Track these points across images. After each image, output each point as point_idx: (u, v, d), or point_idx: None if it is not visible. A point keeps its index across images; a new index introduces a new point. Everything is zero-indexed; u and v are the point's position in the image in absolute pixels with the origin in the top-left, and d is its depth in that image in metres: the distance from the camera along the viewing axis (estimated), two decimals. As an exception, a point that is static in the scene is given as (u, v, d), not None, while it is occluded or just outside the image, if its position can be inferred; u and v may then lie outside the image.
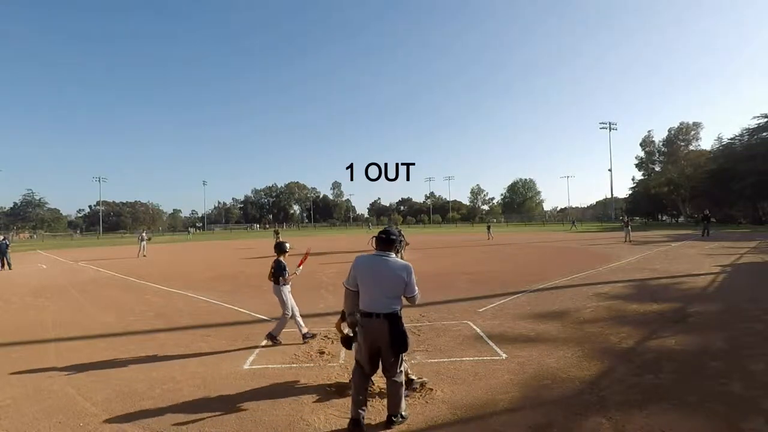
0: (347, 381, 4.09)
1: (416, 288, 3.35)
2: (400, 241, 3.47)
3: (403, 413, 3.35)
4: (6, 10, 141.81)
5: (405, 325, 3.37)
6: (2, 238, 18.36)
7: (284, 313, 5.76)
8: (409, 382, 3.92)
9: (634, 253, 17.36)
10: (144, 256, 21.85)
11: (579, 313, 7.10)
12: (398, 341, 3.22)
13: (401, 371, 3.38)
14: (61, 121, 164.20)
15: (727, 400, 3.62)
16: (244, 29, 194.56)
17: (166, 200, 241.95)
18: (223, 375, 4.62)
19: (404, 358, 4.04)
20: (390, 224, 23.96)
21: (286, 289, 5.79)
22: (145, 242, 22.79)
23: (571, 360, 4.76)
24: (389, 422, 3.28)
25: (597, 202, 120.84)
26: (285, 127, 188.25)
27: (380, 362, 3.33)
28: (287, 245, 6.08)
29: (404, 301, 3.37)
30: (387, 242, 3.35)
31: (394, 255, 3.39)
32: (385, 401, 3.50)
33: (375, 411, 3.56)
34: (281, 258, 5.89)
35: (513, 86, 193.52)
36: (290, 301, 5.80)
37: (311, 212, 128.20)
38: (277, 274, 5.73)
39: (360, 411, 3.28)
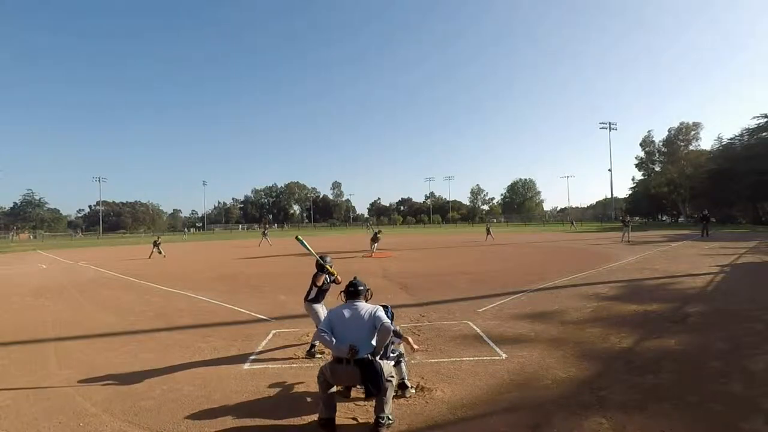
0: None
1: (387, 320, 3.53)
2: (368, 289, 3.91)
3: (389, 415, 3.31)
4: (5, 9, 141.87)
5: (405, 325, 3.39)
6: None
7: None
8: (403, 386, 3.92)
9: (634, 253, 17.36)
10: (149, 258, 21.47)
11: (579, 313, 7.10)
12: (373, 385, 3.26)
13: (391, 376, 3.39)
14: (61, 121, 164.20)
15: (727, 400, 3.62)
16: (243, 28, 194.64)
17: (166, 200, 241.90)
18: (223, 375, 4.62)
19: (404, 361, 4.06)
20: (375, 225, 24.03)
21: (316, 306, 5.24)
22: (158, 248, 22.34)
23: (571, 360, 4.76)
24: (377, 424, 3.23)
25: (597, 202, 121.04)
26: (285, 127, 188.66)
27: None
28: (329, 259, 5.24)
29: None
30: (355, 293, 3.76)
31: (363, 301, 3.75)
32: (373, 402, 3.47)
33: (364, 411, 3.56)
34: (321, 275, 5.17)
35: (513, 86, 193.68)
36: (321, 314, 5.07)
37: (311, 212, 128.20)
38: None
39: (330, 413, 3.33)
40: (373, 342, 3.45)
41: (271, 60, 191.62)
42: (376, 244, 20.17)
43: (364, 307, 3.64)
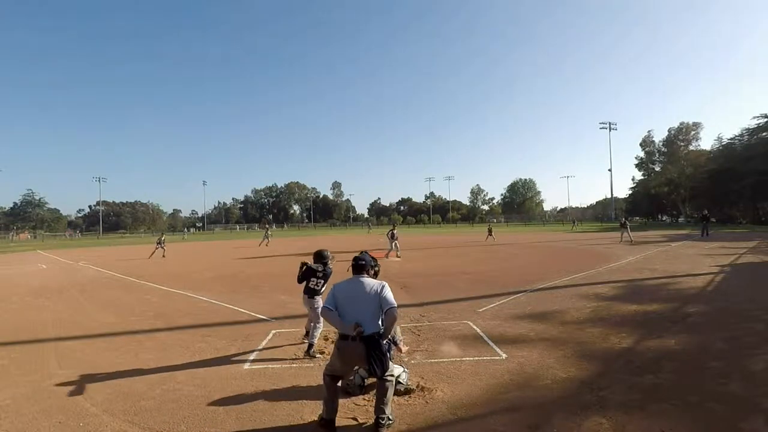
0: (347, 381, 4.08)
1: (393, 301, 3.39)
2: (376, 264, 3.79)
3: (390, 416, 3.32)
4: (5, 9, 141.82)
5: (405, 325, 3.38)
6: None
7: (316, 324, 5.33)
8: (406, 390, 3.91)
9: (634, 253, 17.36)
10: (149, 258, 21.77)
11: (579, 312, 7.10)
12: (377, 363, 3.25)
13: (391, 372, 3.37)
14: (61, 121, 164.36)
15: (727, 400, 3.62)
16: (243, 28, 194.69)
17: (166, 200, 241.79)
18: (223, 375, 4.62)
19: (400, 366, 4.06)
20: (392, 223, 23.72)
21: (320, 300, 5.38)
22: (162, 245, 22.69)
23: (571, 360, 4.75)
24: (377, 425, 3.23)
25: (597, 202, 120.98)
26: (285, 127, 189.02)
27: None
28: (328, 253, 5.51)
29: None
30: (361, 267, 3.63)
31: (368, 277, 3.64)
32: (373, 402, 3.49)
33: (364, 411, 3.56)
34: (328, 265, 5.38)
35: (513, 86, 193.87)
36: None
37: (311, 212, 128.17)
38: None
39: (331, 414, 3.32)
40: (380, 320, 3.38)
41: (271, 60, 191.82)
42: (396, 243, 18.64)
43: (370, 283, 3.49)
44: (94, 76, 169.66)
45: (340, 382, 3.54)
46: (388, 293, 3.40)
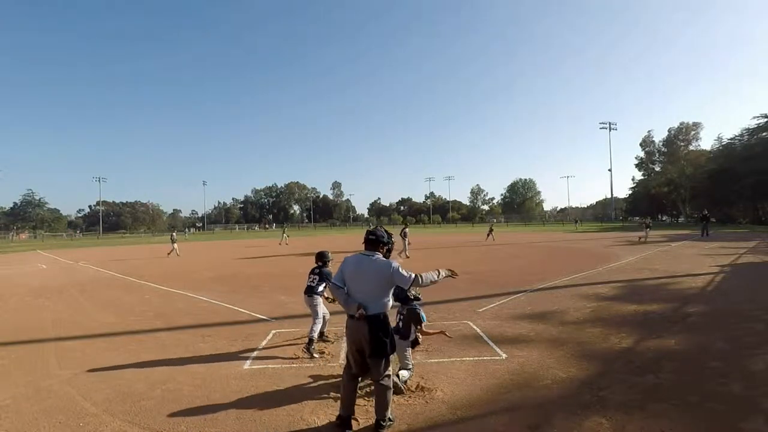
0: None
1: (406, 274, 3.24)
2: (389, 242, 3.54)
3: (390, 416, 3.31)
4: (6, 9, 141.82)
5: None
6: None
7: (315, 320, 5.47)
8: (396, 388, 3.87)
9: (634, 253, 17.36)
10: (177, 255, 22.16)
11: (579, 312, 7.10)
12: (377, 345, 3.18)
13: (388, 375, 3.31)
14: (61, 121, 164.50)
15: (727, 400, 3.62)
16: (243, 28, 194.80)
17: (166, 200, 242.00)
18: (223, 375, 4.62)
19: (410, 364, 4.05)
20: (404, 224, 23.66)
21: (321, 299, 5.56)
22: (176, 243, 23.09)
23: (571, 360, 4.75)
24: (378, 426, 3.23)
25: (597, 202, 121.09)
26: (285, 127, 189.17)
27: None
28: (329, 254, 5.79)
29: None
30: (373, 243, 3.40)
31: (380, 255, 3.42)
32: (372, 402, 3.48)
33: (364, 411, 3.55)
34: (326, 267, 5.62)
35: (513, 86, 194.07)
36: (323, 308, 5.59)
37: (311, 212, 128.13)
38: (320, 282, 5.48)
39: (347, 411, 3.30)
40: (386, 300, 3.30)
41: (272, 60, 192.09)
42: (407, 241, 18.35)
43: (379, 262, 3.30)
44: (94, 76, 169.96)
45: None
46: (400, 274, 3.22)
